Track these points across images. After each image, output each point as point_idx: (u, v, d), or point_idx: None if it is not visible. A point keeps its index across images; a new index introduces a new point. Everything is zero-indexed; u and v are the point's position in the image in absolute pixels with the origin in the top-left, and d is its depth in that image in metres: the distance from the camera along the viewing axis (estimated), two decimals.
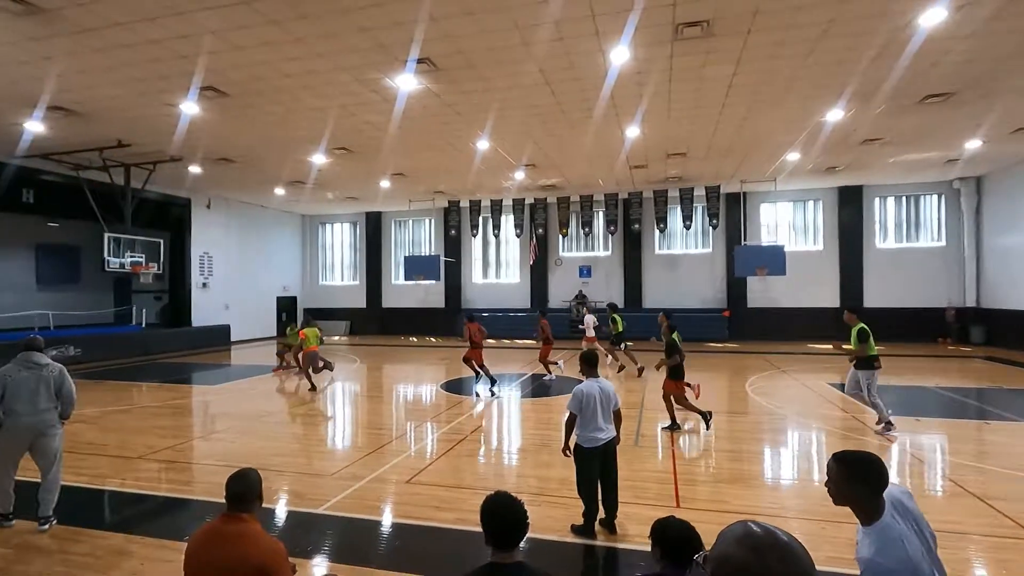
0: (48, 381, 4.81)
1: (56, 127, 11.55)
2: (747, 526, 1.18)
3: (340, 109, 10.72)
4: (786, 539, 1.15)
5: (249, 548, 2.38)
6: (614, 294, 22.67)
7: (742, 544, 1.15)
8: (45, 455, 4.82)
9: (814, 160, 15.62)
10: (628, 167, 16.17)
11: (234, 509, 2.51)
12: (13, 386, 4.68)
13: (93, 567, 4.06)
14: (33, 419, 4.71)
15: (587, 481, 4.49)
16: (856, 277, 20.38)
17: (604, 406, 4.53)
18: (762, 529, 1.17)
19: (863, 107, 10.85)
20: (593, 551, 4.36)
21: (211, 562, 2.37)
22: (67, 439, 7.58)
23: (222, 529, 2.45)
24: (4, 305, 19.71)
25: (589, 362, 4.75)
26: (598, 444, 4.45)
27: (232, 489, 2.53)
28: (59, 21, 7.10)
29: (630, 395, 10.79)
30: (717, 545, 1.20)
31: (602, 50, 8.16)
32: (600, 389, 4.56)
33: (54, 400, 4.85)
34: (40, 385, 4.76)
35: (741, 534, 1.17)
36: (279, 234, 24.91)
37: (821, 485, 5.90)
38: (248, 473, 2.61)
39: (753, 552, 1.12)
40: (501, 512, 2.22)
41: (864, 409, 8.50)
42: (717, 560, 1.18)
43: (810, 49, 8.20)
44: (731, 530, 1.20)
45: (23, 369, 4.75)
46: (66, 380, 4.95)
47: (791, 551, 1.13)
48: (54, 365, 4.94)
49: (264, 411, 9.74)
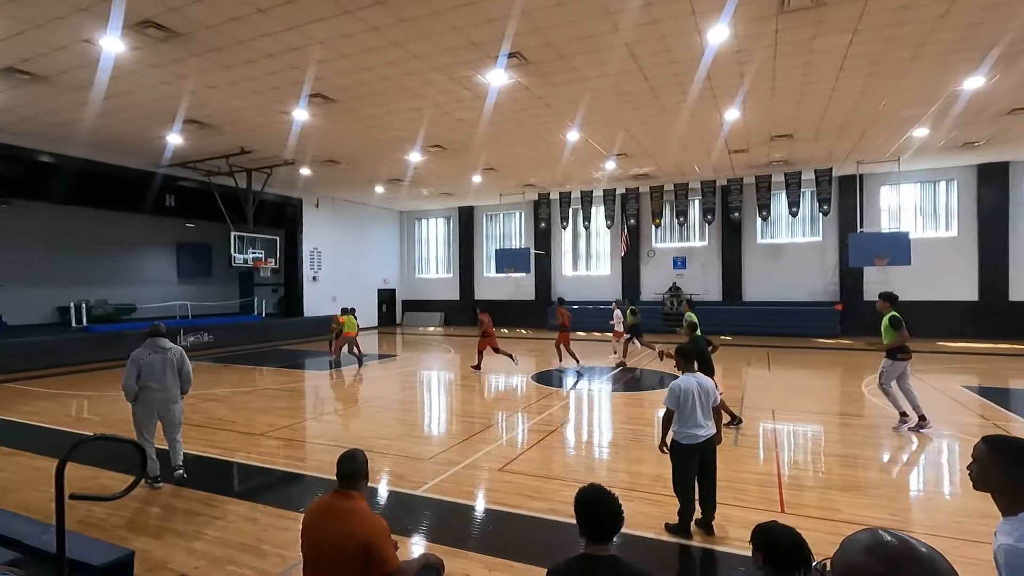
0: (172, 363, 5.64)
1: (191, 138, 13.01)
2: (877, 534, 1.07)
3: (435, 108, 11.11)
4: (925, 550, 1.02)
5: (357, 524, 2.58)
6: (711, 286, 21.66)
7: (874, 554, 1.03)
8: (169, 422, 5.70)
9: (946, 135, 13.88)
10: (727, 152, 15.31)
11: (344, 487, 2.73)
12: (146, 367, 5.50)
13: (225, 530, 4.58)
14: (162, 395, 5.56)
15: (684, 479, 4.31)
16: (999, 266, 17.85)
17: (703, 402, 4.33)
18: (895, 538, 1.04)
19: (1008, 72, 9.47)
20: (689, 551, 4.22)
21: (325, 535, 2.59)
22: (202, 415, 8.63)
23: (334, 505, 2.68)
24: (152, 296, 22.62)
25: (686, 356, 4.55)
26: (697, 441, 4.27)
27: (342, 468, 2.74)
28: (193, 43, 7.97)
29: (731, 392, 10.28)
30: (842, 554, 1.09)
31: (698, 30, 7.78)
32: (699, 384, 4.37)
33: (177, 378, 5.67)
34: (166, 366, 5.59)
35: (871, 543, 1.05)
36: (379, 230, 26.35)
37: (952, 499, 5.32)
38: (356, 454, 2.82)
39: (887, 564, 1.01)
40: (596, 505, 2.22)
41: (1007, 416, 7.48)
42: (843, 570, 1.07)
43: (942, 10, 7.28)
44: (858, 538, 1.09)
45: (152, 352, 5.57)
46: (185, 362, 5.78)
47: (934, 566, 0.99)
48: (176, 348, 5.75)
49: (367, 396, 10.40)
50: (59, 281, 20.04)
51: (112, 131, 12.34)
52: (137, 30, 7.47)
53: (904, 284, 18.83)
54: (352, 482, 2.73)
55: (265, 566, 3.96)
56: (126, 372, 5.48)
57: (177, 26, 7.44)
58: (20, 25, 7.33)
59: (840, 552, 1.10)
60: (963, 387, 10.34)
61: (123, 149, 13.97)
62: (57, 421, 8.52)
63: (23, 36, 7.62)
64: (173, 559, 4.09)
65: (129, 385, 5.46)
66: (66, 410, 9.42)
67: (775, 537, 2.02)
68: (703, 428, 4.31)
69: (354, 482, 2.73)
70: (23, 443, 7.23)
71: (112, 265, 22.18)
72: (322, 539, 2.59)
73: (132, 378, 5.45)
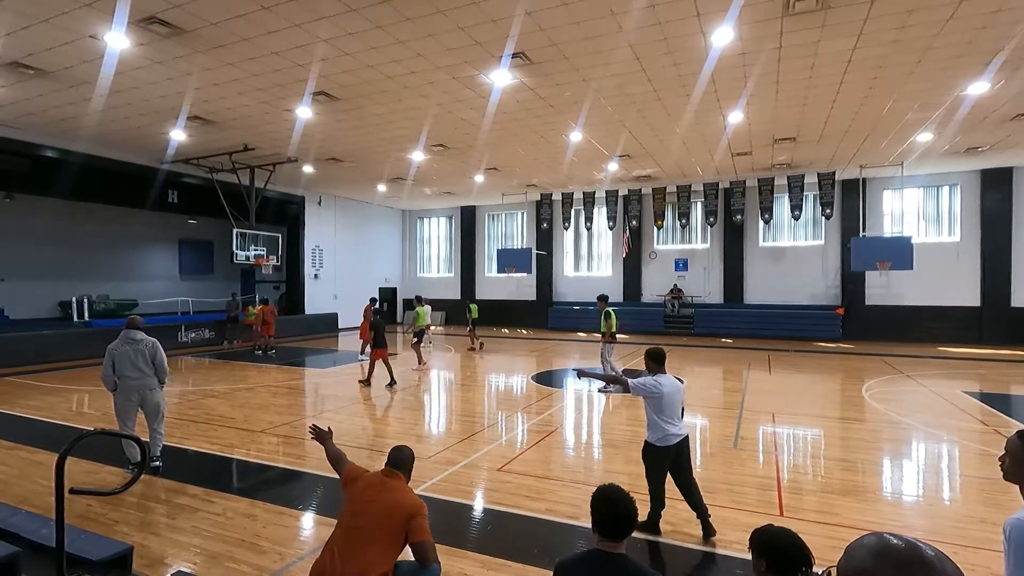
0: (144, 353, 5.88)
1: (194, 135, 13.02)
2: (884, 539, 1.04)
3: (438, 107, 11.11)
4: (932, 554, 0.99)
5: (405, 497, 3.06)
6: (712, 288, 21.65)
7: (881, 559, 1.01)
8: (149, 410, 5.94)
9: (951, 140, 13.86)
10: (730, 155, 15.29)
11: (392, 468, 3.21)
12: (120, 357, 5.79)
13: (224, 526, 4.58)
14: (139, 381, 5.83)
15: (657, 480, 4.41)
16: (1002, 272, 17.80)
17: (677, 403, 4.41)
18: (903, 542, 1.02)
19: (1014, 77, 9.45)
20: (689, 554, 4.22)
21: (375, 501, 3.01)
22: (202, 411, 8.64)
23: (386, 481, 3.14)
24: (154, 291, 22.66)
25: (656, 359, 4.56)
26: (671, 443, 4.34)
27: (394, 456, 3.28)
28: (197, 40, 7.98)
29: (731, 395, 10.27)
30: (848, 559, 1.07)
31: (703, 31, 7.77)
32: (677, 387, 4.45)
33: (151, 367, 5.92)
34: (138, 356, 5.85)
35: (878, 547, 1.03)
36: (381, 228, 26.37)
37: (952, 504, 5.32)
38: (405, 449, 3.35)
39: (895, 569, 0.98)
40: (612, 502, 2.28)
41: (1008, 422, 7.47)
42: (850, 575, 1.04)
43: (947, 14, 7.27)
44: (864, 542, 1.06)
45: (125, 344, 5.85)
46: (159, 352, 6.00)
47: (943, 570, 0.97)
48: (148, 340, 5.98)
49: (366, 394, 10.40)
50: (61, 276, 20.09)
51: (116, 127, 12.36)
52: (142, 26, 7.48)
53: (906, 289, 18.85)
54: (400, 468, 3.21)
55: (263, 562, 3.96)
56: (104, 364, 5.80)
57: (182, 22, 7.45)
58: (26, 20, 7.34)
59: (846, 557, 1.08)
60: (964, 392, 10.32)
61: (127, 145, 13.99)
62: (58, 415, 8.54)
63: (29, 31, 7.64)
64: (172, 554, 4.10)
65: (107, 375, 5.78)
66: (67, 404, 9.43)
67: (775, 540, 2.00)
68: (678, 429, 4.39)
69: (402, 469, 3.22)
70: (24, 437, 7.25)
71: (114, 260, 22.22)
72: (370, 503, 3.00)
73: (109, 368, 5.77)
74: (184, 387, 11.01)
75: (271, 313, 16.46)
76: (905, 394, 10.33)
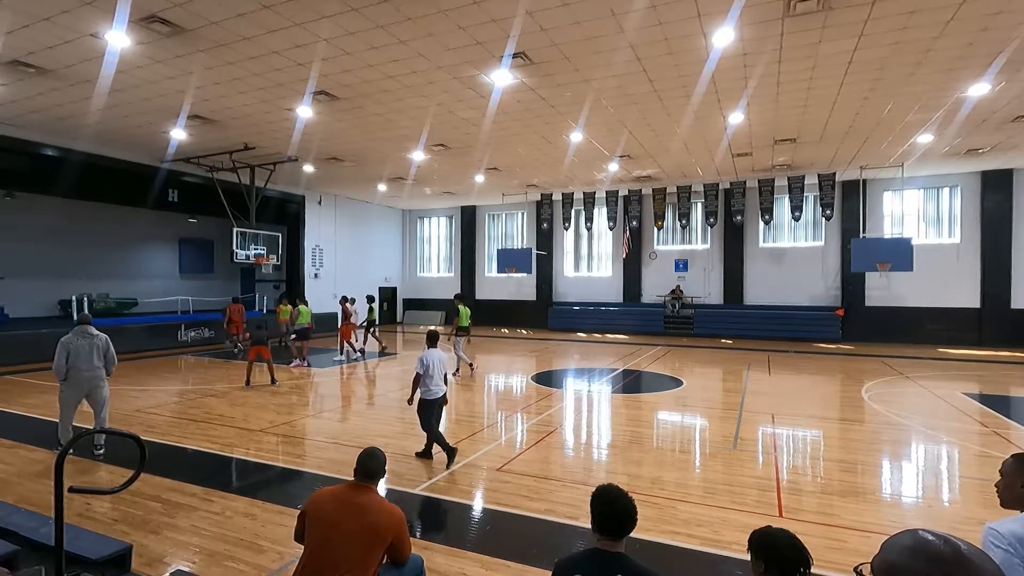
0: (98, 347, 6.32)
1: (195, 134, 13.02)
2: (919, 535, 1.02)
3: (439, 107, 11.11)
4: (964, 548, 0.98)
5: (383, 519, 2.76)
6: (712, 289, 21.66)
7: (918, 556, 0.98)
8: (96, 400, 6.39)
9: (951, 142, 13.86)
10: (730, 155, 15.29)
11: (362, 480, 2.91)
12: (75, 351, 6.19)
13: (223, 525, 4.58)
14: (90, 374, 6.28)
15: (429, 423, 6.15)
16: (1002, 273, 17.81)
17: (440, 368, 6.30)
18: (939, 538, 0.99)
19: (1014, 78, 9.45)
20: (688, 554, 4.22)
21: (344, 527, 2.70)
22: (201, 410, 8.64)
23: (353, 499, 2.80)
24: (154, 290, 22.64)
25: (429, 339, 6.73)
26: (436, 397, 6.19)
27: (366, 465, 2.94)
28: (198, 39, 7.98)
29: (730, 395, 10.28)
30: (883, 555, 1.05)
31: (704, 32, 7.77)
32: (439, 357, 6.30)
33: (102, 360, 6.39)
34: (92, 350, 6.29)
35: (913, 544, 1.01)
36: (381, 228, 26.35)
37: (951, 506, 5.31)
38: (377, 453, 3.03)
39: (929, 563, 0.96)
40: (611, 501, 2.30)
41: (1007, 424, 7.46)
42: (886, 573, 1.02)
43: (948, 16, 7.27)
44: (899, 539, 1.05)
45: (80, 338, 6.25)
46: (110, 347, 6.48)
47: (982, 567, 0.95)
48: (101, 335, 6.42)
49: (366, 394, 10.40)
50: (61, 274, 20.06)
51: (116, 125, 12.36)
52: (143, 25, 7.48)
53: (906, 290, 18.86)
54: (372, 479, 2.94)
55: (262, 562, 3.96)
56: (56, 355, 6.15)
57: (183, 21, 7.44)
58: (27, 18, 7.33)
59: (881, 553, 1.06)
60: (964, 394, 10.32)
61: (127, 143, 13.99)
62: (57, 414, 8.51)
63: (30, 29, 7.63)
64: (171, 553, 4.09)
65: (59, 366, 6.14)
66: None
67: (774, 541, 2.00)
68: (439, 388, 6.23)
69: (374, 479, 2.95)
70: (23, 435, 7.24)
71: (114, 259, 22.19)
72: (338, 530, 2.69)
73: (62, 360, 6.14)
74: (184, 386, 11.01)
75: (238, 312, 16.92)
76: (905, 396, 10.33)
